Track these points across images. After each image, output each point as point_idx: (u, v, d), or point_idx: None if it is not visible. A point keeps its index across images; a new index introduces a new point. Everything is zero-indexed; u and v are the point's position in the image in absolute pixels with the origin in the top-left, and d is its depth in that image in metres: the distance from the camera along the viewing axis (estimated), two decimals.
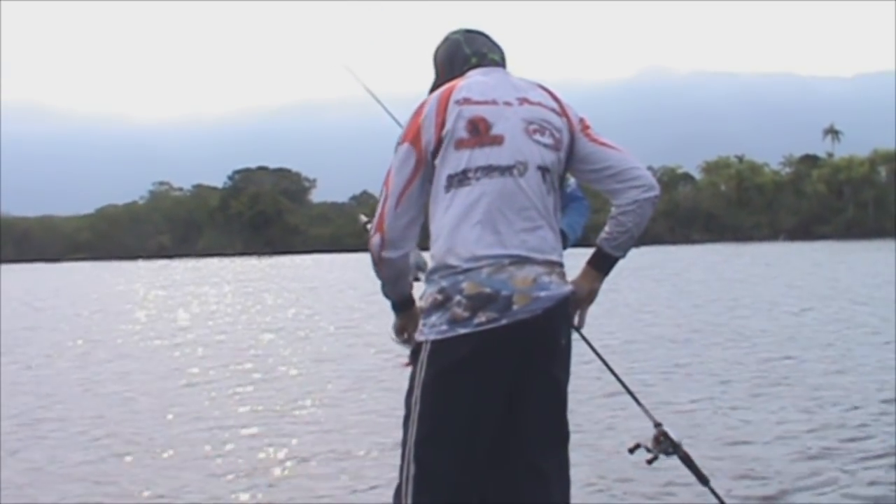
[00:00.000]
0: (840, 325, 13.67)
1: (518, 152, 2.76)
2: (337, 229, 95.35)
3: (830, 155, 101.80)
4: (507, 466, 2.78)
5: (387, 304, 2.96)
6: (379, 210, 2.80)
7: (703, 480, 3.25)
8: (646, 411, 3.23)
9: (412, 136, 2.79)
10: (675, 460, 3.19)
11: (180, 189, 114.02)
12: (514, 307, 2.64)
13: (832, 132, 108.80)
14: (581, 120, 2.92)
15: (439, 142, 2.75)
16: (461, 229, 2.70)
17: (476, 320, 2.63)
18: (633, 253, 3.03)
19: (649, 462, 3.15)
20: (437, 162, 2.76)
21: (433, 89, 2.99)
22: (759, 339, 12.27)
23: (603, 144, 2.89)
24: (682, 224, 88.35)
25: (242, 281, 36.76)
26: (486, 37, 3.06)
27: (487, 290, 2.64)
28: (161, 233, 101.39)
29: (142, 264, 70.12)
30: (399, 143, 2.82)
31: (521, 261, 2.69)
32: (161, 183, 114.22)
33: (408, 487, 2.72)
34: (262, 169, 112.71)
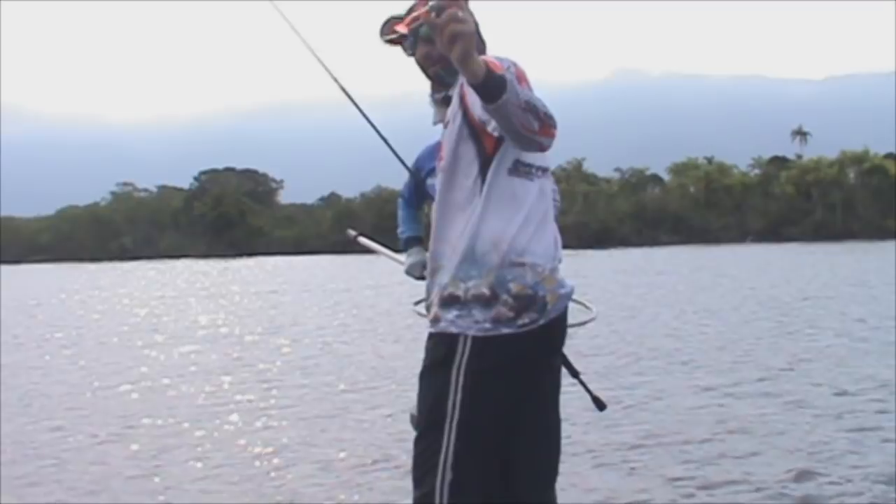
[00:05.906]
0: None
1: None
2: (301, 231, 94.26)
3: (799, 156, 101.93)
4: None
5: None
6: None
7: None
8: None
9: None
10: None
11: (145, 190, 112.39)
12: (548, 307, 2.66)
13: (800, 133, 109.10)
14: None
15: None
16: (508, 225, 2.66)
17: (520, 321, 2.62)
18: (602, 255, 2.40)
19: None
20: None
21: None
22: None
23: None
24: (650, 226, 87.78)
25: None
26: None
27: (530, 291, 2.64)
28: (123, 234, 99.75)
29: (97, 266, 68.38)
30: None
31: (547, 259, 2.69)
32: (125, 184, 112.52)
33: (443, 494, 2.60)
34: (228, 170, 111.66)
